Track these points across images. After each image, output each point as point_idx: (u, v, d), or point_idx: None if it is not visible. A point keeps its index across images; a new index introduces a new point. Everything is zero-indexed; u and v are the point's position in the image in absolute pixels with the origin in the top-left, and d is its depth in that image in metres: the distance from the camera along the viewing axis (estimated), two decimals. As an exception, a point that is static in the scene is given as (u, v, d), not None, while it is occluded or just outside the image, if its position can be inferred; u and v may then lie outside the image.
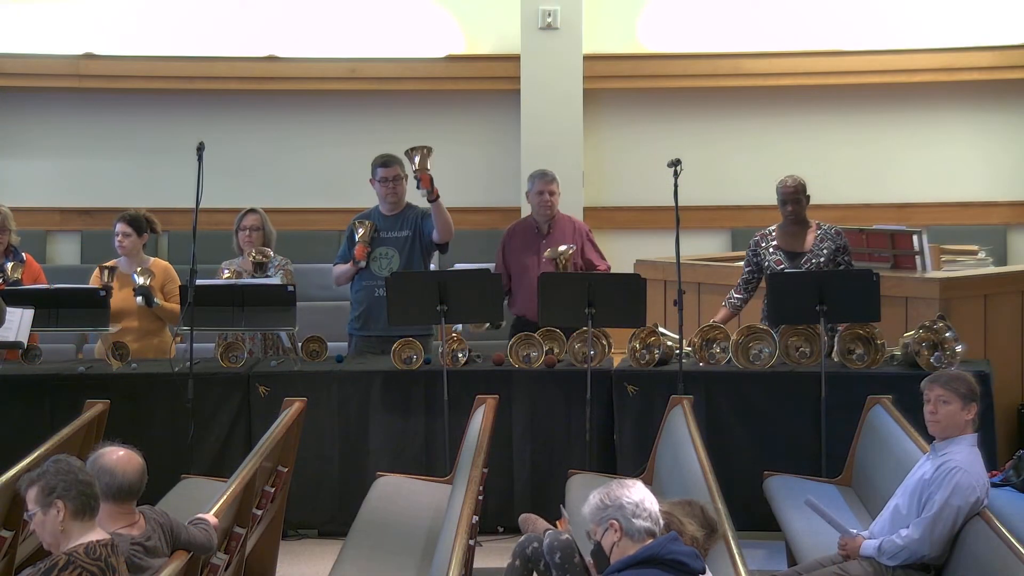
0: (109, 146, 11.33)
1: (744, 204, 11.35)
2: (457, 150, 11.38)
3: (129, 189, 10.96)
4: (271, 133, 11.45)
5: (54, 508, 4.14)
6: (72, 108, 11.32)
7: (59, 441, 6.08)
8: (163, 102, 11.34)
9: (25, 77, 11.08)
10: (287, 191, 11.21)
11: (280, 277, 7.87)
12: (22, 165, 11.23)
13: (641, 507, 4.28)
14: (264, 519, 6.08)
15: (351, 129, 11.39)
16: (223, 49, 11.23)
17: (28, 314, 7.25)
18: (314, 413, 6.98)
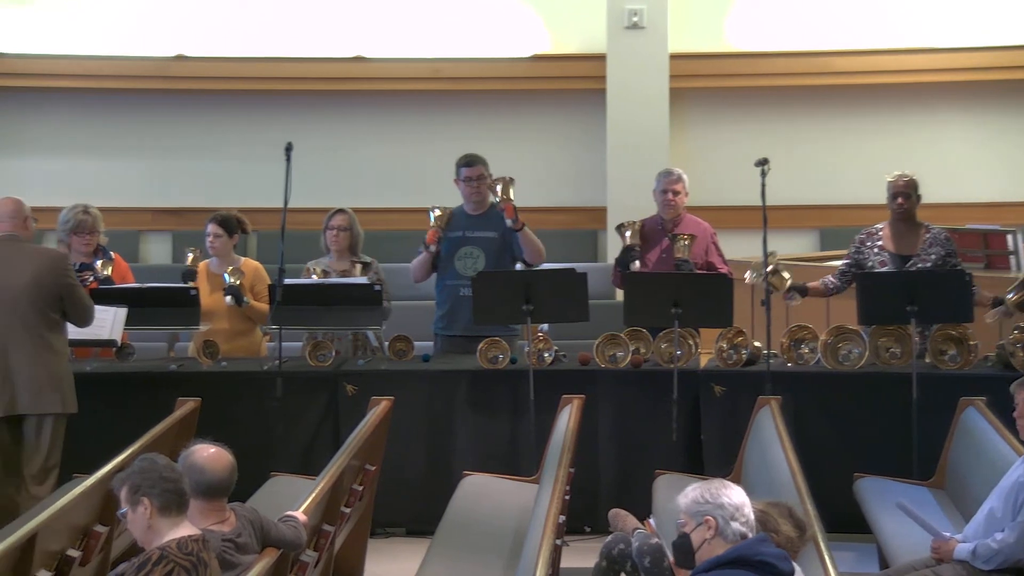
0: (199, 147, 11.46)
1: (833, 203, 11.24)
2: (542, 150, 11.39)
3: (219, 189, 11.08)
4: (357, 133, 11.52)
5: (141, 505, 4.20)
6: (163, 109, 11.46)
7: (151, 438, 6.15)
8: (252, 103, 11.45)
9: (117, 79, 11.23)
10: (372, 191, 11.27)
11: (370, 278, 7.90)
12: (114, 166, 11.39)
13: (740, 511, 4.24)
14: (352, 517, 6.11)
15: (435, 129, 11.43)
16: (311, 50, 11.32)
17: (121, 313, 7.35)
18: (401, 412, 6.99)
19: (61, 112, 11.37)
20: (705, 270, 7.89)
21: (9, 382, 6.53)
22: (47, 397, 6.58)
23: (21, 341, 6.56)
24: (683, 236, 7.80)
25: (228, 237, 7.98)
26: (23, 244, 6.75)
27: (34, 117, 11.34)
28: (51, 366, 6.62)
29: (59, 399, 6.61)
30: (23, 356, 6.55)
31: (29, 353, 6.56)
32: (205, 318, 7.69)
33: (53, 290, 6.61)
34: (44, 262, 6.66)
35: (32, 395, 6.56)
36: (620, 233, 8.03)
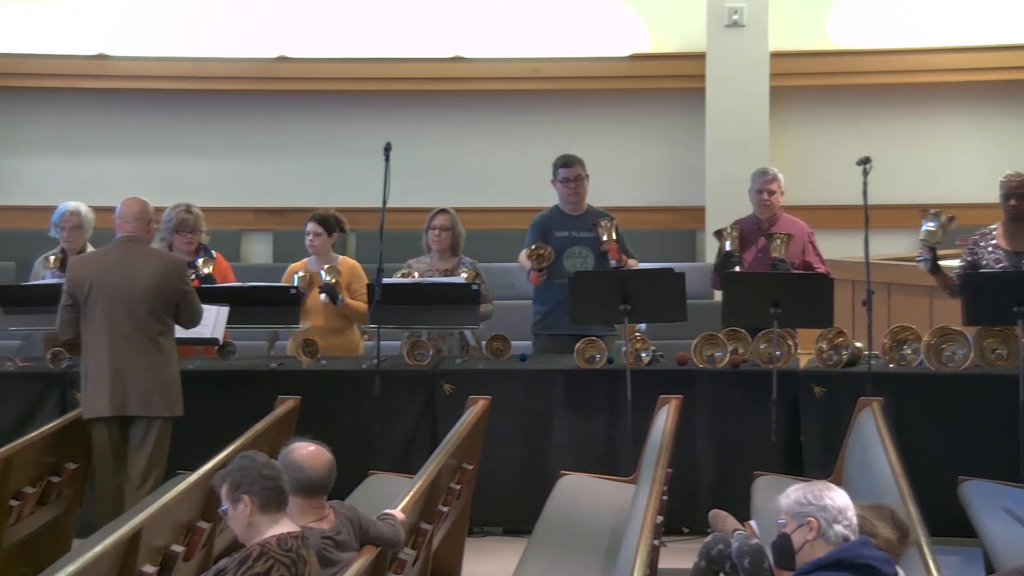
0: (300, 147, 11.57)
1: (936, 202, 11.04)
2: (640, 149, 11.36)
3: (319, 189, 11.18)
4: (455, 133, 11.56)
5: (241, 503, 4.25)
6: (265, 110, 11.59)
7: (252, 436, 6.22)
8: (352, 103, 11.54)
9: (221, 80, 11.38)
10: (470, 191, 11.29)
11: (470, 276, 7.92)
12: (217, 166, 11.54)
13: (844, 514, 4.19)
14: (450, 516, 6.13)
15: (534, 129, 11.44)
16: (411, 50, 11.38)
17: (224, 311, 7.44)
18: (498, 411, 7.01)
19: (166, 113, 11.54)
20: (802, 270, 7.81)
21: (121, 383, 6.62)
22: (156, 400, 6.67)
23: (135, 343, 6.64)
24: (779, 235, 7.73)
25: (327, 236, 8.05)
26: (144, 247, 6.85)
27: (139, 118, 11.52)
28: (161, 370, 6.70)
29: (167, 403, 6.70)
30: (136, 358, 6.64)
31: (142, 356, 6.64)
32: (304, 316, 7.76)
33: (170, 296, 6.70)
34: (164, 267, 6.73)
35: (142, 397, 6.65)
36: (719, 239, 7.98)
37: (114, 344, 6.62)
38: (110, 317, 6.63)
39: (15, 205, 11.26)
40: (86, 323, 6.68)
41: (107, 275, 6.67)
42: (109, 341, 6.62)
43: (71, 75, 11.30)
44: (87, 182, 11.05)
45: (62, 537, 6.73)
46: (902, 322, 7.53)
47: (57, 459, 6.60)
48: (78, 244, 8.01)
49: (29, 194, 11.22)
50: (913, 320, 7.63)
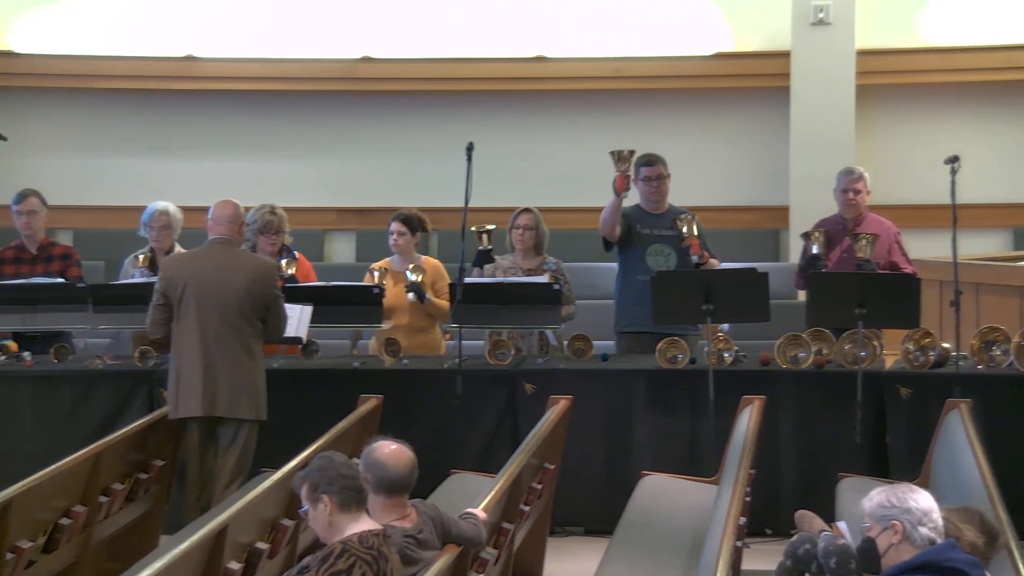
0: (383, 147, 11.63)
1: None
2: (723, 149, 11.29)
3: (401, 189, 11.22)
4: (538, 133, 11.56)
5: (321, 503, 4.28)
6: (348, 110, 11.66)
7: (335, 435, 6.26)
8: (435, 103, 11.58)
9: (305, 81, 11.48)
10: (553, 190, 11.28)
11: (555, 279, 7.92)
12: (300, 166, 11.63)
13: (929, 517, 4.14)
14: (531, 515, 6.13)
15: (617, 128, 11.38)
16: (493, 50, 11.40)
17: (307, 311, 7.49)
18: (579, 411, 7.00)
19: (252, 113, 11.65)
20: (888, 270, 7.72)
21: (211, 384, 6.69)
22: (243, 403, 6.73)
23: (226, 345, 6.70)
24: (865, 235, 7.64)
25: (410, 235, 8.08)
26: (238, 249, 6.92)
27: (226, 118, 11.64)
28: (250, 372, 6.76)
29: (254, 406, 6.76)
30: (226, 360, 6.70)
31: (232, 358, 6.70)
32: (387, 315, 7.79)
33: (261, 299, 6.75)
34: (257, 271, 6.79)
35: (230, 399, 6.71)
36: (806, 241, 7.91)
37: (205, 345, 6.69)
38: (202, 318, 6.70)
39: (104, 205, 11.42)
40: (178, 323, 6.76)
41: (201, 276, 6.73)
42: (201, 342, 6.69)
43: (160, 76, 11.45)
44: (175, 182, 11.19)
45: (150, 533, 6.82)
46: (991, 323, 7.41)
47: (145, 456, 6.69)
48: (166, 244, 8.11)
49: (118, 194, 11.38)
50: (1002, 321, 7.52)
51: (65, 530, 5.62)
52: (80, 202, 11.20)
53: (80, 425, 7.46)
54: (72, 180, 11.29)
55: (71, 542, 5.72)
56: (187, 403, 6.72)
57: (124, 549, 6.50)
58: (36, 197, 8.30)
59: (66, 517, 5.67)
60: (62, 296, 7.77)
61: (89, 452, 5.97)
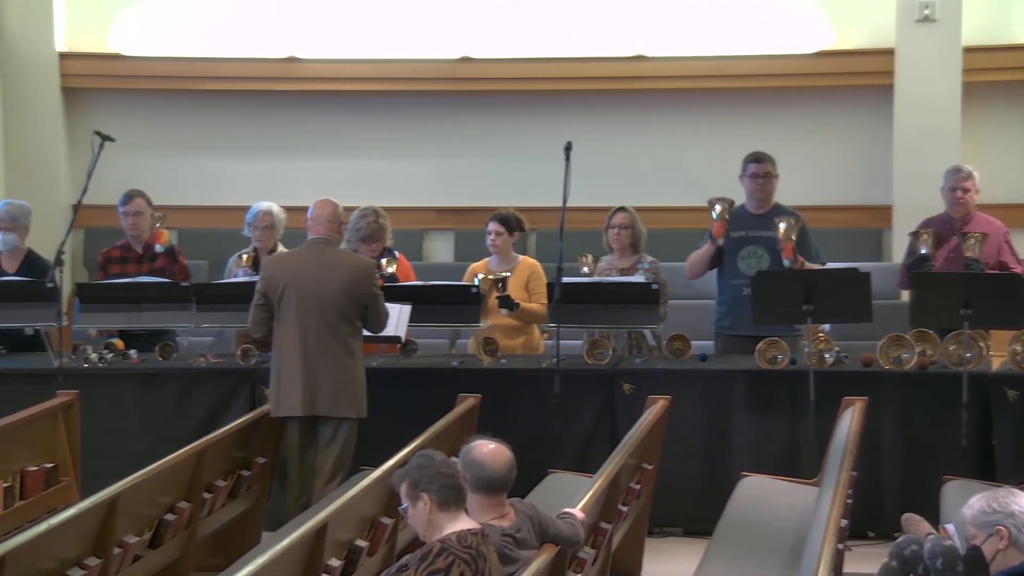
0: (481, 147, 11.65)
1: None
2: (825, 148, 11.16)
3: (500, 188, 11.22)
4: (637, 132, 11.50)
5: (421, 501, 4.29)
6: (447, 110, 11.70)
7: (433, 434, 6.29)
8: (533, 103, 11.58)
9: (405, 81, 11.52)
10: (651, 190, 11.23)
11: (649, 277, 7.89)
12: (400, 166, 11.68)
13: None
14: (630, 516, 6.11)
15: (716, 127, 11.32)
16: (592, 50, 11.37)
17: (406, 310, 7.53)
18: (678, 411, 6.96)
19: (353, 114, 11.73)
20: (997, 270, 7.59)
21: (311, 383, 6.76)
22: (343, 402, 6.79)
23: (325, 344, 6.76)
24: (973, 235, 7.52)
25: (508, 235, 8.09)
26: (336, 249, 6.98)
27: (327, 119, 11.73)
28: (349, 371, 6.82)
29: (353, 404, 6.82)
30: (326, 359, 6.76)
31: (331, 357, 6.76)
32: (485, 315, 7.81)
33: (359, 298, 6.81)
34: (355, 270, 6.84)
35: (330, 398, 6.77)
36: (914, 240, 7.79)
37: (305, 344, 6.76)
38: (302, 318, 6.77)
39: (208, 205, 11.57)
40: (279, 323, 6.84)
41: (300, 276, 6.80)
42: (301, 341, 6.76)
43: (263, 78, 11.57)
44: (277, 182, 11.31)
45: (252, 529, 6.91)
46: None
47: (247, 454, 6.78)
48: (270, 243, 8.21)
49: (222, 194, 11.53)
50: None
51: (170, 526, 5.72)
52: (184, 202, 11.35)
53: (184, 422, 7.58)
54: (176, 180, 11.46)
55: (176, 538, 5.81)
56: (287, 402, 6.79)
57: (227, 545, 6.60)
58: (142, 198, 8.44)
59: (171, 513, 5.77)
60: (167, 295, 7.90)
61: (193, 449, 6.06)
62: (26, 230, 8.47)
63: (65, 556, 4.84)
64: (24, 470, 6.34)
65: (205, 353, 8.02)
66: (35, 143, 11.49)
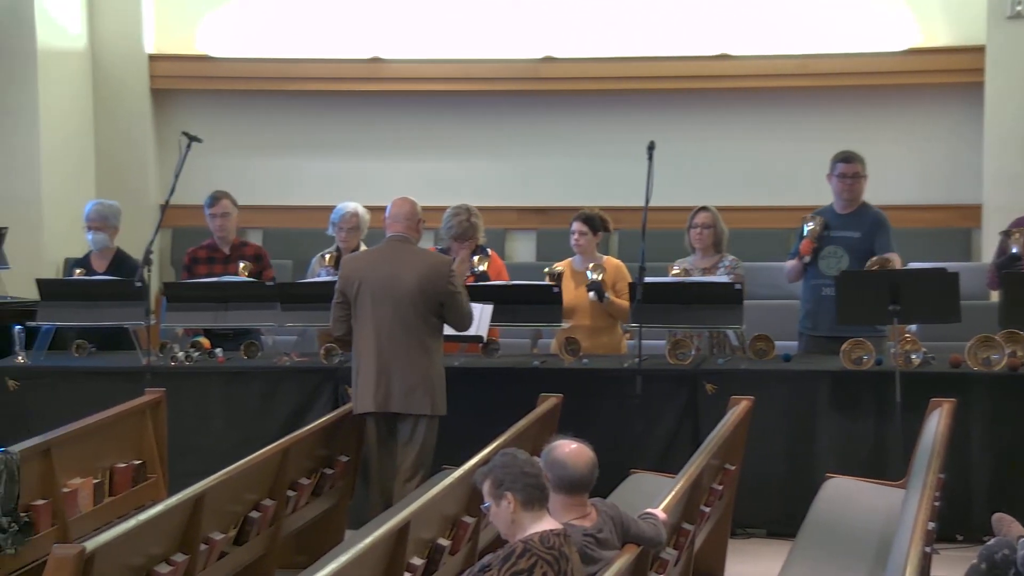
0: (564, 146, 11.64)
1: None
2: (913, 146, 11.02)
3: (582, 188, 11.21)
4: (720, 131, 11.44)
5: (504, 500, 4.29)
6: (530, 110, 11.70)
7: (515, 433, 6.29)
8: (616, 102, 11.55)
9: (488, 81, 11.54)
10: (734, 189, 11.17)
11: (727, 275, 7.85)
12: (482, 165, 11.71)
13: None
14: (712, 517, 6.08)
15: (801, 126, 11.23)
16: (674, 49, 11.33)
17: (488, 309, 7.55)
18: (761, 412, 6.92)
19: (435, 114, 11.78)
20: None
21: (385, 380, 6.79)
22: (418, 399, 6.80)
23: (400, 342, 6.78)
24: None
25: (592, 235, 8.08)
26: (413, 247, 6.99)
27: (410, 119, 11.79)
28: (425, 369, 6.83)
29: (429, 402, 6.82)
30: (400, 357, 6.78)
31: (406, 355, 6.78)
32: (567, 315, 7.81)
33: (434, 295, 6.80)
34: (430, 268, 6.83)
35: (405, 396, 6.79)
36: (1005, 239, 7.68)
37: (380, 342, 6.79)
38: (377, 315, 6.80)
39: (292, 205, 11.68)
40: (356, 321, 6.87)
41: (375, 274, 6.83)
42: (376, 339, 6.79)
43: (347, 78, 11.66)
44: (361, 182, 11.39)
45: (335, 527, 6.95)
46: None
47: (330, 452, 6.83)
48: (353, 243, 8.27)
49: (306, 194, 11.62)
50: None
51: (254, 523, 5.77)
52: (269, 202, 11.47)
53: (268, 421, 7.66)
54: (262, 180, 11.58)
55: (260, 535, 5.86)
56: (364, 399, 6.84)
57: (311, 543, 6.64)
58: (228, 199, 8.54)
59: (255, 510, 5.82)
60: (252, 294, 7.98)
61: (277, 447, 6.11)
62: (115, 230, 8.59)
63: (153, 552, 4.90)
64: (113, 467, 6.43)
65: (289, 352, 8.10)
66: (125, 144, 11.67)
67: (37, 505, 5.69)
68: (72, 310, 7.97)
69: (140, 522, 4.78)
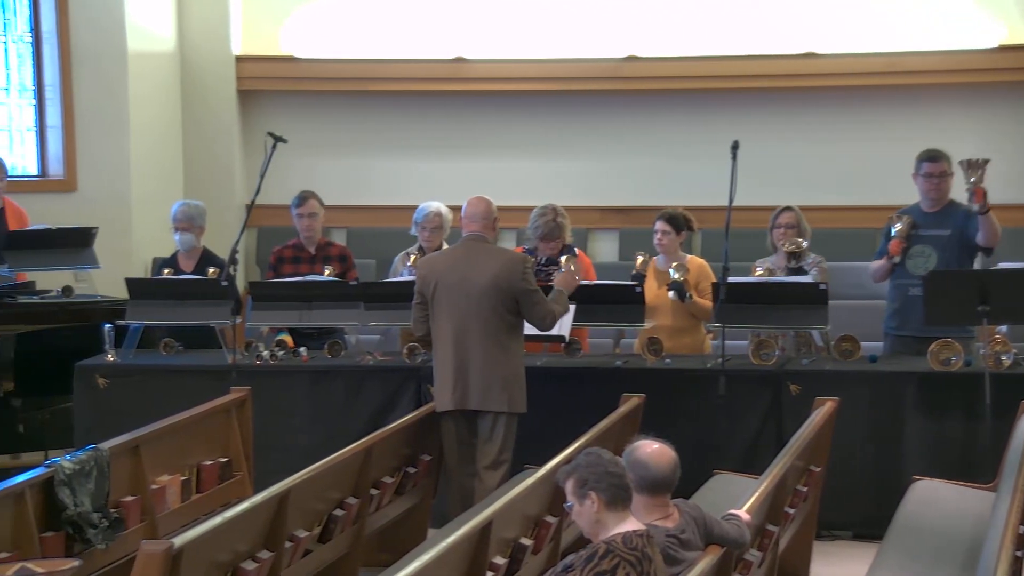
0: (646, 145, 11.60)
1: None
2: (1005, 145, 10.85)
3: (665, 187, 11.17)
4: (806, 130, 11.34)
5: (588, 499, 4.29)
6: (612, 109, 11.67)
7: (597, 433, 6.28)
8: (699, 101, 11.50)
9: (571, 81, 11.53)
10: (818, 189, 11.07)
11: (814, 275, 7.79)
12: (564, 165, 11.68)
13: None
14: (797, 518, 6.03)
15: (888, 125, 11.11)
16: (761, 47, 11.24)
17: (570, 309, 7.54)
18: (846, 413, 6.84)
19: (518, 113, 11.78)
20: None
21: (462, 378, 6.80)
22: (495, 396, 6.80)
23: (477, 340, 6.79)
24: None
25: (675, 234, 8.05)
26: (487, 245, 6.99)
27: (493, 119, 11.80)
28: (502, 366, 6.82)
29: (506, 399, 6.81)
30: (477, 354, 6.79)
31: (483, 352, 6.78)
32: (650, 315, 7.78)
33: (508, 292, 6.79)
34: (502, 264, 6.82)
35: (482, 393, 6.80)
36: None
37: (457, 340, 6.80)
38: (453, 314, 6.82)
39: (376, 204, 11.75)
40: (433, 321, 6.90)
41: (450, 273, 6.85)
42: (453, 338, 6.81)
43: (430, 79, 11.71)
44: (444, 182, 11.42)
45: (418, 526, 6.99)
46: None
47: (413, 451, 6.86)
48: (436, 243, 8.30)
49: (389, 194, 11.68)
50: None
51: (338, 521, 5.81)
52: (353, 202, 11.54)
53: (352, 419, 7.70)
54: (346, 180, 11.65)
55: (344, 533, 5.91)
56: (442, 398, 6.87)
57: (394, 541, 6.68)
58: (315, 199, 8.60)
59: (339, 509, 5.86)
60: (336, 294, 8.04)
61: (361, 446, 6.15)
62: (202, 230, 8.69)
63: (239, 549, 4.96)
64: (200, 464, 6.51)
65: (372, 351, 8.14)
66: (211, 144, 11.80)
67: (126, 501, 5.78)
68: (160, 309, 8.07)
69: (226, 519, 4.83)
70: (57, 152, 10.98)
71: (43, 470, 5.42)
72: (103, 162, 10.96)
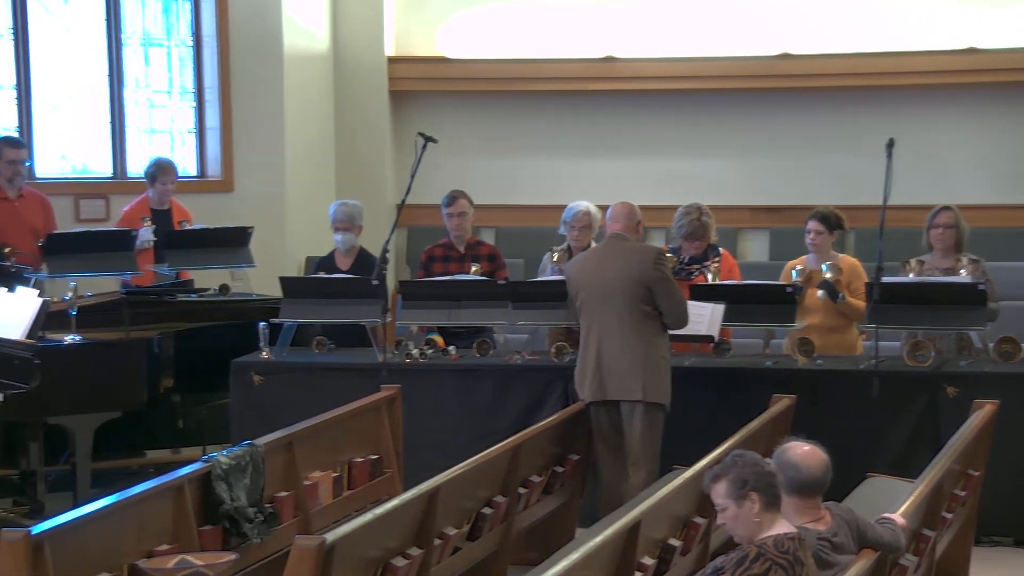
0: (798, 144, 11.47)
1: None
2: None
3: (816, 186, 11.04)
4: (962, 127, 11.15)
5: (748, 500, 4.25)
6: (764, 107, 11.57)
7: (747, 434, 6.22)
8: (853, 99, 11.32)
9: (723, 79, 11.45)
10: (973, 186, 10.83)
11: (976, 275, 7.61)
12: (715, 164, 11.62)
13: None
14: (955, 523, 5.90)
15: None
16: (919, 43, 11.02)
17: (719, 309, 7.49)
18: (1007, 416, 6.66)
19: (667, 112, 11.74)
20: None
21: (600, 370, 6.92)
22: (630, 385, 6.87)
23: (613, 331, 6.90)
24: None
25: (828, 233, 7.94)
26: (626, 243, 7.06)
27: (643, 118, 11.77)
28: (638, 356, 6.87)
29: (640, 387, 6.86)
30: (613, 345, 6.89)
31: (618, 343, 6.88)
32: (801, 315, 7.68)
33: (642, 281, 6.88)
34: (636, 256, 6.95)
35: (619, 382, 6.89)
36: None
37: (598, 333, 6.94)
38: (594, 309, 6.96)
39: (525, 204, 11.79)
40: (580, 318, 7.07)
41: (591, 272, 7.04)
42: (594, 331, 6.95)
43: (581, 78, 11.72)
44: (593, 181, 11.42)
45: (566, 525, 7.00)
46: None
47: (561, 450, 6.87)
48: (584, 242, 8.30)
49: (537, 193, 11.72)
50: None
51: (487, 519, 5.85)
52: (502, 201, 11.60)
53: (500, 418, 7.74)
54: (495, 180, 11.71)
55: (493, 531, 5.94)
56: (583, 390, 7.02)
57: (542, 540, 6.70)
58: (465, 199, 8.66)
59: (488, 507, 5.90)
60: (484, 293, 8.08)
61: (509, 444, 6.18)
62: (360, 229, 8.80)
63: (389, 545, 5.01)
64: (351, 461, 6.60)
65: (520, 350, 8.17)
66: (363, 144, 11.97)
67: (280, 497, 5.88)
68: (313, 307, 8.19)
69: (377, 516, 4.89)
70: (215, 153, 11.23)
71: (201, 465, 5.53)
72: (259, 162, 11.18)
